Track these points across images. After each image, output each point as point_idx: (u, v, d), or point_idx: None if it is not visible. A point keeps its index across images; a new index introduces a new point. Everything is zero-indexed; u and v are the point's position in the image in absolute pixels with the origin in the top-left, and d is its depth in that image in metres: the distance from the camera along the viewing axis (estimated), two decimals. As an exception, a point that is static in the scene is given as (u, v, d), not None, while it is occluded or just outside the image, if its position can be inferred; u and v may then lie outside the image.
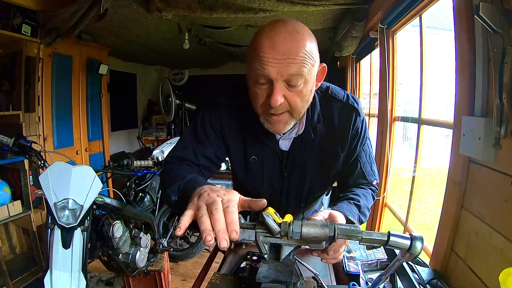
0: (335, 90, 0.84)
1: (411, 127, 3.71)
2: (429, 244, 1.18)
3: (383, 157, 1.84)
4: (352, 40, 2.05)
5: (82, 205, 1.42)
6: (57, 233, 1.37)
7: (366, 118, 0.90)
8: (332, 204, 0.81)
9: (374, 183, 0.91)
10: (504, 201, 0.73)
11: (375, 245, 0.56)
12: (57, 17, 2.03)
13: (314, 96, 0.78)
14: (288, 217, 0.59)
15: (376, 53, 2.03)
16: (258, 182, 0.90)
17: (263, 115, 0.73)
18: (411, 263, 0.92)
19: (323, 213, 0.67)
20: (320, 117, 0.82)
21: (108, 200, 1.68)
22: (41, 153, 1.66)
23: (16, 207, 2.04)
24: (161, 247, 2.25)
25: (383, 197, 1.92)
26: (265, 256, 0.56)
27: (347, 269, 0.97)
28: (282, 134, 0.82)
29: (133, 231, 1.93)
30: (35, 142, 1.75)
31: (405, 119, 1.74)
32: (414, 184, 1.66)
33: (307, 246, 0.59)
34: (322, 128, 0.83)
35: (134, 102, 4.44)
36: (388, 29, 1.71)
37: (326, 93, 0.83)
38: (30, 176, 2.15)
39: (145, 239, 1.96)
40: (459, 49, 0.93)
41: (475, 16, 0.72)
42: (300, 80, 0.66)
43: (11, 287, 2.01)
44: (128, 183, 2.29)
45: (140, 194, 2.38)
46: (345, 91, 0.85)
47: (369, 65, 2.61)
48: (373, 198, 0.90)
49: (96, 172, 1.52)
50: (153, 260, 2.13)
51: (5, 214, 1.97)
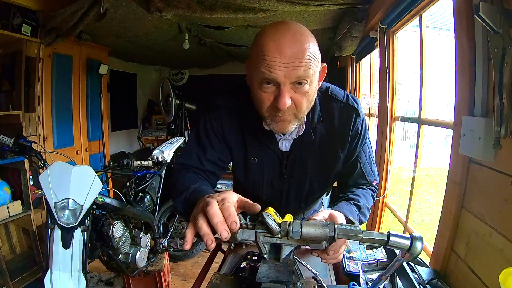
0: (335, 91, 0.84)
1: (411, 127, 3.71)
2: (429, 244, 1.18)
3: (383, 157, 1.84)
4: (352, 40, 2.05)
5: (82, 205, 1.42)
6: (57, 233, 1.38)
7: (366, 118, 0.90)
8: (332, 204, 0.81)
9: (374, 183, 0.91)
10: (504, 201, 0.73)
11: (375, 245, 0.56)
12: (57, 17, 2.03)
13: None
14: (288, 217, 0.59)
15: (376, 53, 2.03)
16: (258, 183, 0.90)
17: (270, 117, 0.72)
18: (411, 263, 0.92)
19: (323, 213, 0.67)
20: (320, 118, 0.82)
21: (108, 200, 1.68)
22: (41, 153, 1.66)
23: (16, 207, 2.05)
24: (161, 247, 2.25)
25: (383, 197, 1.92)
26: (265, 256, 0.57)
27: (347, 269, 0.97)
28: (283, 135, 0.82)
29: (133, 231, 1.93)
30: (35, 142, 1.75)
31: (405, 119, 1.74)
32: (414, 184, 1.66)
33: (307, 246, 0.59)
34: (322, 129, 0.83)
35: (134, 102, 4.43)
36: (388, 29, 1.71)
37: (326, 94, 0.83)
38: (30, 176, 2.15)
39: (145, 239, 1.96)
40: (459, 49, 0.93)
41: (475, 16, 0.72)
42: (306, 82, 0.67)
43: (11, 287, 2.01)
44: (128, 183, 2.28)
45: (140, 194, 2.38)
46: (345, 92, 0.85)
47: (369, 65, 2.60)
48: (373, 198, 0.90)
49: (96, 172, 1.52)
50: (153, 260, 2.13)
51: (5, 214, 1.97)
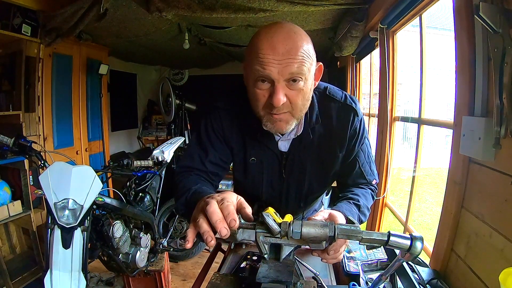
0: (333, 91, 0.84)
1: (411, 127, 3.71)
2: (429, 244, 1.18)
3: (383, 157, 1.84)
4: (352, 40, 2.05)
5: (82, 205, 1.42)
6: (57, 233, 1.38)
7: (366, 118, 0.91)
8: (332, 204, 0.81)
9: (374, 183, 0.91)
10: (504, 201, 0.73)
11: (375, 245, 0.56)
12: (57, 17, 2.03)
13: (313, 97, 0.78)
14: (288, 217, 0.59)
15: (376, 53, 2.03)
16: (258, 183, 0.90)
17: (265, 116, 0.73)
18: (411, 263, 0.92)
19: (323, 213, 0.67)
20: (319, 118, 0.82)
21: (108, 200, 1.68)
22: (41, 153, 1.66)
23: (16, 207, 2.04)
24: (161, 247, 2.25)
25: (383, 197, 1.92)
26: (265, 256, 0.57)
27: (347, 269, 0.97)
28: (282, 135, 0.82)
29: (133, 231, 1.93)
30: (35, 142, 1.75)
31: (405, 119, 1.74)
32: (414, 184, 1.66)
33: (307, 246, 0.59)
34: (321, 129, 0.83)
35: (134, 102, 4.43)
36: (388, 29, 1.71)
37: (324, 94, 0.84)
38: (30, 176, 2.15)
39: (145, 239, 1.96)
40: (459, 49, 0.93)
41: (475, 16, 0.72)
42: (300, 79, 0.67)
43: (11, 287, 2.01)
44: (128, 183, 2.28)
45: (140, 194, 2.38)
46: (343, 92, 0.85)
47: (369, 65, 2.60)
48: (373, 198, 0.90)
49: (96, 172, 1.52)
50: (153, 260, 2.13)
51: (5, 214, 1.97)
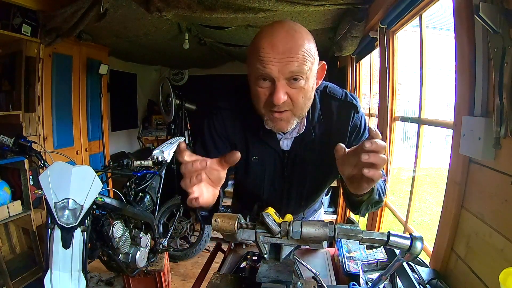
0: (333, 89, 0.85)
1: (411, 127, 3.71)
2: (429, 244, 1.17)
3: (383, 157, 1.84)
4: (352, 40, 2.04)
5: (82, 205, 1.42)
6: (57, 233, 1.38)
7: (366, 118, 0.90)
8: (332, 204, 0.80)
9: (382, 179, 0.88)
10: (504, 201, 0.73)
11: (375, 245, 0.56)
12: (57, 17, 2.03)
13: (314, 96, 0.78)
14: (288, 217, 0.59)
15: (376, 53, 2.03)
16: (259, 182, 0.90)
17: (266, 114, 0.73)
18: (411, 263, 0.92)
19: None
20: (320, 117, 0.82)
21: (108, 200, 1.68)
22: (41, 153, 1.66)
23: (16, 207, 2.04)
24: (161, 247, 2.26)
25: (383, 197, 1.92)
26: (265, 256, 0.57)
27: (347, 269, 0.97)
28: (284, 134, 0.82)
29: (133, 231, 1.93)
30: (35, 142, 1.75)
31: (405, 119, 1.74)
32: (414, 184, 1.66)
33: (307, 246, 0.59)
34: (322, 127, 0.83)
35: (134, 102, 4.43)
36: (388, 29, 1.70)
37: (325, 93, 0.84)
38: (30, 176, 2.15)
39: (145, 239, 1.96)
40: (459, 49, 0.93)
41: (475, 16, 0.72)
42: (301, 78, 0.67)
43: (11, 287, 2.01)
44: (128, 183, 2.28)
45: (140, 194, 2.38)
46: (343, 89, 0.86)
47: (369, 65, 2.60)
48: (385, 187, 0.83)
49: (96, 172, 1.53)
50: (153, 260, 2.13)
51: (5, 214, 1.97)
